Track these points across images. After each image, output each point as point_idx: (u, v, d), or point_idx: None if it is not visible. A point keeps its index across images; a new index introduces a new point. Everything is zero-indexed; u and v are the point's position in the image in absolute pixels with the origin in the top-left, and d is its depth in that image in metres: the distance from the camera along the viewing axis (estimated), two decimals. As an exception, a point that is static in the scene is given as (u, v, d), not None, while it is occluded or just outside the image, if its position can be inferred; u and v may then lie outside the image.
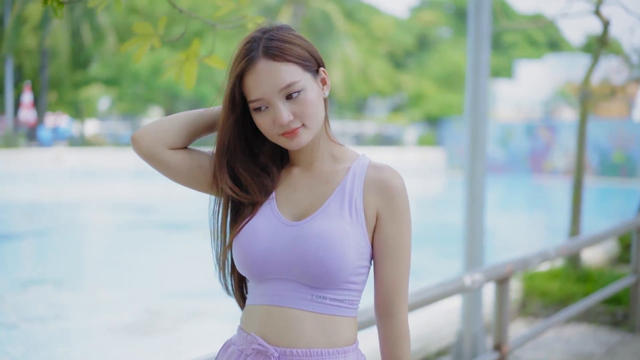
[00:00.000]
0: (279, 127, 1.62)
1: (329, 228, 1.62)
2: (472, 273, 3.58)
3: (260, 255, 1.65)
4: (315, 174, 1.72)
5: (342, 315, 1.65)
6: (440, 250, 12.03)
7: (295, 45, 1.64)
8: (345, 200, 1.66)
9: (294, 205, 1.70)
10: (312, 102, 1.63)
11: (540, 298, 6.19)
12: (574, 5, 6.38)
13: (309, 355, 1.62)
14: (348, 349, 1.66)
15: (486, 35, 4.64)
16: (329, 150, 1.73)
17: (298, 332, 1.62)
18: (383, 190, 1.66)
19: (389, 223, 1.66)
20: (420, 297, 3.24)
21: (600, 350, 5.44)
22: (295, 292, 1.63)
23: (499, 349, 3.79)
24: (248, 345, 1.66)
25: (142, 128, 1.72)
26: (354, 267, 1.63)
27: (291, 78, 1.61)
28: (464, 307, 4.68)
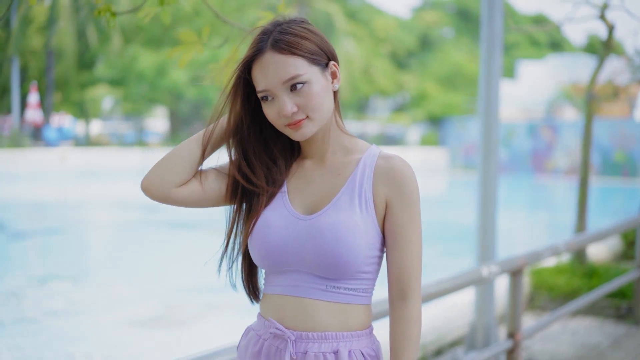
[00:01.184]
0: (284, 118, 1.67)
1: (340, 221, 1.66)
2: (489, 265, 3.81)
3: (274, 249, 1.70)
4: (327, 166, 1.76)
5: (356, 303, 1.70)
6: (444, 248, 12.23)
7: (305, 39, 1.67)
8: (355, 193, 1.70)
9: (306, 198, 1.74)
10: (316, 94, 1.66)
11: (547, 292, 6.42)
12: (579, 10, 6.59)
13: (323, 338, 1.68)
14: (362, 333, 1.71)
15: (498, 40, 4.86)
16: (340, 142, 1.77)
17: (313, 318, 1.68)
18: (392, 179, 1.69)
19: (399, 211, 1.69)
20: (441, 287, 3.46)
21: (606, 342, 5.67)
22: (310, 283, 1.69)
23: (513, 336, 4.01)
24: (266, 330, 1.73)
25: (148, 175, 1.75)
26: (365, 257, 1.67)
27: (295, 71, 1.64)
28: (477, 299, 4.90)
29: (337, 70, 1.73)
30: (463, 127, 31.24)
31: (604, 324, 6.14)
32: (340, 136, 1.77)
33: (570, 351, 5.41)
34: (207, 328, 7.35)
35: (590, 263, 7.24)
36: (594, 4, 6.64)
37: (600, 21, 6.75)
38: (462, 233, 14.49)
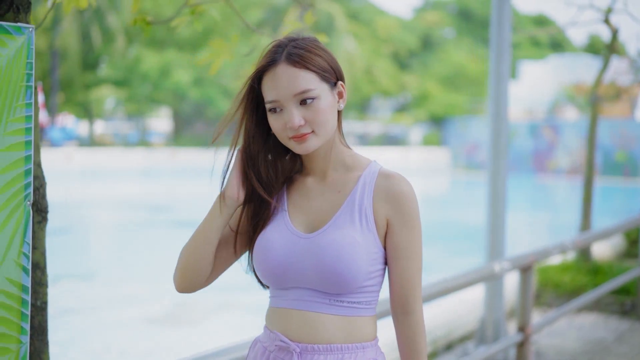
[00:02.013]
0: (290, 131, 1.68)
1: (341, 239, 1.68)
2: (500, 261, 3.96)
3: (276, 268, 1.72)
4: (328, 183, 1.78)
5: (360, 315, 1.72)
6: (447, 248, 12.34)
7: (317, 55, 1.70)
8: (355, 210, 1.72)
9: (307, 215, 1.76)
10: (324, 110, 1.68)
11: (553, 289, 6.57)
12: (583, 14, 6.69)
13: (329, 350, 1.69)
14: (367, 345, 1.72)
15: (507, 43, 5.01)
16: (342, 158, 1.79)
17: (318, 331, 1.69)
18: (392, 199, 1.71)
19: (399, 229, 1.71)
20: (456, 283, 3.62)
21: (611, 337, 5.82)
22: (313, 298, 1.70)
23: (523, 330, 4.17)
24: (271, 342, 1.74)
25: (176, 278, 1.80)
26: (367, 272, 1.69)
27: (307, 85, 1.66)
28: (487, 295, 5.06)
29: (344, 91, 1.76)
30: (465, 127, 31.37)
31: (608, 320, 6.29)
32: (342, 153, 1.79)
33: (576, 346, 5.56)
34: (217, 326, 7.50)
35: (594, 261, 7.40)
36: (598, 7, 6.79)
37: (604, 25, 6.90)
38: (464, 232, 14.62)
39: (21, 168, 1.71)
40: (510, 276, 5.97)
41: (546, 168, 28.49)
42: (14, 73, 1.68)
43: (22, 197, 1.71)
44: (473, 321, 5.60)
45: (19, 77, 1.69)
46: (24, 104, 1.70)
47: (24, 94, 1.70)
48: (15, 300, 1.71)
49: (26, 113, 1.71)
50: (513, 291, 6.10)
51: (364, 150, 20.04)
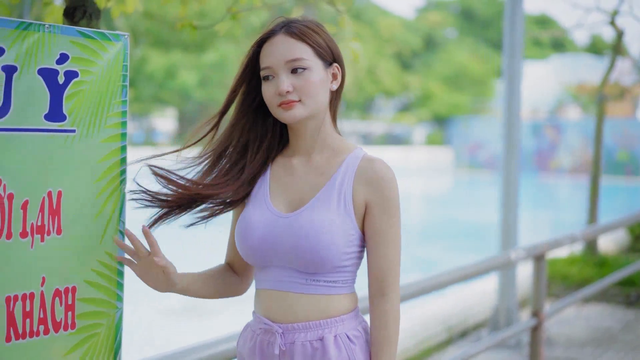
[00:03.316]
0: (278, 97, 1.75)
1: (318, 220, 1.73)
2: (516, 250, 4.22)
3: (256, 246, 1.79)
4: (312, 165, 1.82)
5: (337, 293, 1.78)
6: (449, 245, 12.56)
7: (315, 33, 1.78)
8: (335, 192, 1.76)
9: (288, 195, 1.82)
10: (314, 82, 1.75)
11: (561, 281, 6.84)
12: (586, 16, 6.92)
13: (308, 327, 1.75)
14: (345, 317, 1.78)
15: (519, 46, 5.27)
16: (329, 142, 1.83)
17: (297, 310, 1.76)
18: (371, 183, 1.76)
19: (378, 213, 1.75)
20: (475, 269, 3.88)
21: (617, 326, 6.08)
22: (291, 278, 1.77)
23: (537, 315, 4.42)
24: (257, 326, 1.83)
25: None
26: (343, 253, 1.74)
27: (300, 54, 1.74)
28: (500, 285, 5.32)
29: (339, 73, 1.83)
30: (467, 126, 31.60)
31: (615, 310, 6.56)
32: (331, 137, 1.84)
33: (584, 334, 5.82)
34: (234, 317, 7.73)
35: (601, 254, 7.67)
36: (604, 10, 7.05)
37: (609, 26, 7.16)
38: (466, 230, 14.84)
39: (118, 157, 1.96)
40: (521, 269, 6.23)
41: (549, 167, 28.71)
42: (113, 74, 1.94)
43: (118, 181, 1.96)
44: (486, 310, 5.87)
45: (117, 78, 1.95)
46: (120, 101, 1.96)
47: (120, 92, 1.95)
48: (113, 271, 1.97)
49: (122, 109, 1.97)
50: (524, 283, 6.36)
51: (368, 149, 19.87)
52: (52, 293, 1.84)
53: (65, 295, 1.87)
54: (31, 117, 1.78)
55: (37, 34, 1.77)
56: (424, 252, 12.12)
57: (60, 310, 1.86)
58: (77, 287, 1.90)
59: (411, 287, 3.35)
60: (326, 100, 1.80)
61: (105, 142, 1.93)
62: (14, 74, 1.73)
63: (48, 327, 1.84)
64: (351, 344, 1.76)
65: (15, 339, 1.78)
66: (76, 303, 1.89)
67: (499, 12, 46.20)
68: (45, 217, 1.82)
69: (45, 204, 1.82)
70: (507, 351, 5.19)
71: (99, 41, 1.91)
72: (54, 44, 1.81)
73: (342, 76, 1.85)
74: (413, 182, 25.93)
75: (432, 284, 3.52)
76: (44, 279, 1.83)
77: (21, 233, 1.78)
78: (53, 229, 1.84)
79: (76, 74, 1.86)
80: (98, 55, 1.90)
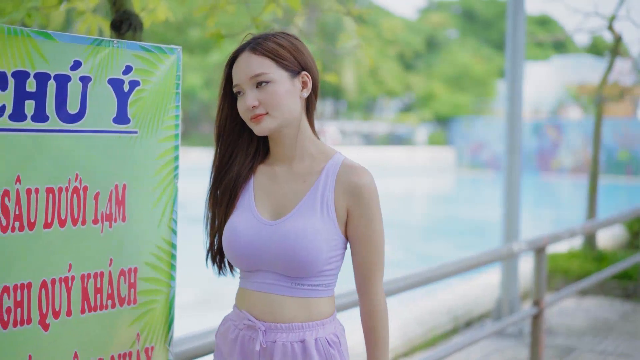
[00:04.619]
0: (248, 112, 1.84)
1: (302, 227, 1.80)
2: (518, 242, 4.51)
3: (242, 252, 1.87)
4: (294, 172, 1.89)
5: (319, 296, 1.86)
6: (452, 242, 12.80)
7: (279, 46, 1.84)
8: (318, 199, 1.83)
9: (272, 203, 1.89)
10: (278, 94, 1.82)
11: (562, 275, 7.12)
12: (585, 21, 7.17)
13: (290, 329, 1.83)
14: (326, 321, 1.87)
15: (522, 46, 5.56)
16: (308, 149, 1.90)
17: (281, 312, 1.84)
18: (351, 191, 1.83)
19: (359, 220, 1.83)
20: (480, 260, 4.16)
21: (615, 317, 6.37)
22: (277, 281, 1.85)
23: (538, 304, 4.71)
24: (240, 321, 1.89)
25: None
26: (326, 258, 1.82)
27: (261, 69, 1.82)
28: (503, 277, 5.60)
29: (308, 80, 1.89)
30: (469, 127, 31.86)
31: (613, 302, 6.85)
32: (310, 143, 1.91)
33: (584, 324, 6.11)
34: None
35: (599, 250, 7.95)
36: (603, 15, 7.33)
37: (608, 30, 7.45)
38: (469, 228, 15.09)
39: (172, 154, 2.25)
40: (522, 265, 6.52)
41: (550, 167, 28.95)
42: (168, 82, 2.23)
43: (172, 176, 2.25)
44: (490, 301, 6.16)
45: (172, 85, 2.24)
46: (174, 106, 2.25)
47: (174, 98, 2.25)
48: (167, 254, 2.26)
49: (175, 113, 2.26)
50: (525, 277, 6.65)
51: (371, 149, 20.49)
52: (118, 272, 2.14)
53: (128, 275, 2.17)
54: (102, 120, 2.07)
55: (107, 49, 2.06)
56: (427, 248, 12.41)
57: (124, 287, 2.16)
58: (138, 268, 2.19)
59: (420, 275, 3.58)
60: (297, 108, 1.87)
61: (161, 142, 2.22)
62: (88, 84, 2.02)
63: (115, 301, 2.13)
64: (330, 348, 1.84)
65: (88, 311, 2.07)
66: (137, 281, 2.19)
67: (500, 13, 46.48)
68: (113, 207, 2.12)
69: (112, 195, 2.11)
70: (509, 340, 5.48)
71: (157, 54, 2.20)
72: (120, 57, 2.10)
73: (313, 83, 1.91)
74: (416, 182, 26.19)
75: (440, 273, 3.78)
76: (111, 260, 2.12)
77: (93, 220, 2.07)
78: (119, 216, 2.13)
79: (138, 83, 2.15)
80: (156, 66, 2.20)
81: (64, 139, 1.98)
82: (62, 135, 1.98)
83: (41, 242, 1.95)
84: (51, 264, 1.98)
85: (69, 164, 2.00)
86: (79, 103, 2.01)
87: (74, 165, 2.01)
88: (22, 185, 1.90)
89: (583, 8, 7.41)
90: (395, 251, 11.85)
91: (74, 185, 2.02)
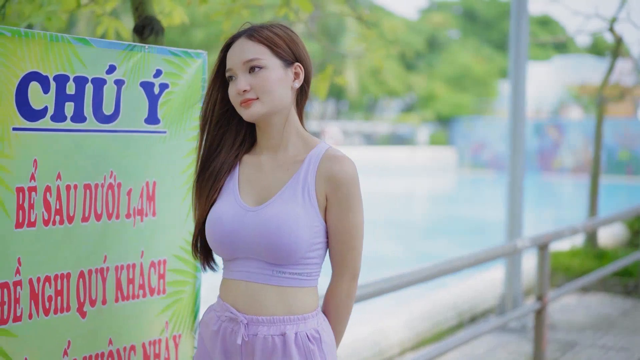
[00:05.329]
0: (238, 96, 1.86)
1: (283, 213, 1.82)
2: (522, 239, 4.65)
3: (225, 238, 1.88)
4: (278, 161, 1.92)
5: (301, 286, 1.87)
6: (453, 242, 12.91)
7: (275, 35, 1.88)
8: (299, 186, 1.86)
9: (255, 190, 1.92)
10: (270, 80, 1.84)
11: (563, 272, 7.26)
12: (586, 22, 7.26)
13: (271, 322, 1.84)
14: (307, 316, 1.87)
15: (525, 47, 5.69)
16: (295, 139, 1.93)
17: (262, 303, 1.85)
18: (331, 180, 1.85)
19: (336, 206, 1.85)
20: (485, 255, 4.29)
21: (616, 313, 6.51)
22: (258, 269, 1.86)
23: (541, 299, 4.84)
24: (223, 312, 1.91)
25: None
26: (309, 244, 1.83)
27: (255, 55, 1.84)
28: (507, 273, 5.74)
29: (301, 72, 1.91)
30: (471, 127, 31.99)
31: (613, 299, 6.98)
32: (296, 133, 1.93)
33: (585, 320, 6.24)
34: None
35: (600, 247, 8.09)
36: (604, 17, 7.46)
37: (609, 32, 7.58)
38: (470, 227, 15.21)
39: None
40: (524, 261, 6.65)
41: (551, 167, 29.07)
42: (194, 84, 2.36)
43: (198, 173, 2.39)
44: (494, 298, 6.29)
45: (198, 88, 2.37)
46: (200, 107, 2.38)
47: (199, 99, 2.38)
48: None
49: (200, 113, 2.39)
50: (527, 275, 6.78)
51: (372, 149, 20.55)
52: (148, 264, 2.27)
53: (158, 266, 2.30)
54: (134, 121, 2.20)
55: (139, 53, 2.20)
56: (428, 247, 12.53)
57: (154, 278, 2.29)
58: (167, 260, 2.32)
59: (428, 270, 3.70)
60: (287, 97, 1.89)
61: (188, 141, 2.36)
62: (122, 87, 2.16)
63: (145, 291, 2.27)
64: (310, 344, 1.85)
65: (121, 300, 2.20)
66: (166, 273, 2.32)
67: (501, 13, 46.61)
68: (144, 202, 2.25)
69: (144, 191, 2.25)
70: (512, 335, 5.61)
71: (184, 58, 2.34)
72: (151, 61, 2.23)
73: (306, 75, 1.93)
74: (417, 182, 26.32)
75: (447, 267, 3.91)
76: (142, 252, 2.25)
77: (126, 215, 2.20)
78: (150, 211, 2.26)
79: (167, 85, 2.28)
80: (183, 69, 2.33)
81: (100, 138, 2.12)
82: (99, 135, 2.12)
83: (79, 235, 2.08)
84: (88, 255, 2.11)
85: (104, 162, 2.13)
86: (113, 105, 2.14)
87: (108, 163, 2.14)
88: (62, 182, 2.03)
89: (584, 10, 7.54)
90: (396, 250, 11.99)
91: (109, 182, 2.15)
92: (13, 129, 1.91)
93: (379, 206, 16.56)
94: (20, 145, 1.93)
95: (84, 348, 2.11)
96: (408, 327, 5.31)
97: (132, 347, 2.24)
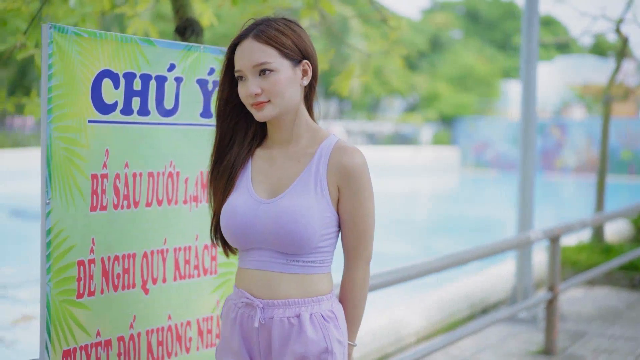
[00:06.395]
0: (249, 98, 1.88)
1: (297, 205, 1.87)
2: (535, 231, 4.85)
3: (240, 231, 1.93)
4: (290, 154, 1.96)
5: (315, 273, 1.92)
6: (456, 240, 13.07)
7: (283, 34, 1.88)
8: (312, 178, 1.90)
9: (268, 182, 1.96)
10: (280, 83, 1.87)
11: (571, 267, 7.46)
12: (592, 24, 7.47)
13: (287, 304, 1.90)
14: (322, 298, 1.92)
15: (535, 50, 5.89)
16: (305, 133, 1.96)
17: (277, 288, 1.90)
18: (342, 172, 1.89)
19: (347, 197, 1.90)
20: (499, 247, 4.49)
21: (622, 305, 6.70)
22: (272, 258, 1.91)
23: (553, 289, 5.04)
24: (239, 299, 1.97)
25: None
26: (320, 235, 1.88)
27: (265, 58, 1.86)
28: (518, 266, 5.93)
29: (309, 68, 1.94)
30: (474, 126, 32.17)
31: (619, 292, 7.19)
32: (306, 127, 1.97)
33: (592, 312, 6.44)
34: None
35: (607, 242, 8.30)
36: (609, 18, 7.66)
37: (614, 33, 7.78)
38: (472, 225, 15.38)
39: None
40: (535, 254, 6.85)
41: (554, 166, 29.25)
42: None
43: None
44: (505, 290, 6.50)
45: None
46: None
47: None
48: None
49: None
50: (538, 269, 6.98)
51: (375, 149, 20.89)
52: (202, 246, 2.47)
53: (210, 249, 2.50)
54: (191, 115, 2.41)
55: (196, 53, 2.40)
56: (433, 245, 12.72)
57: (207, 259, 2.49)
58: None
59: (445, 259, 3.88)
60: (297, 95, 1.92)
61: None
62: (181, 83, 2.36)
63: (200, 271, 2.47)
64: (325, 322, 1.91)
65: (180, 279, 2.40)
66: (217, 255, 2.52)
67: (503, 14, 46.78)
68: (199, 190, 2.45)
69: (198, 180, 2.45)
70: (523, 326, 5.80)
71: (234, 58, 2.53)
72: (206, 60, 2.43)
73: (313, 70, 1.96)
74: (420, 181, 26.50)
75: (463, 257, 4.08)
76: (197, 235, 2.45)
77: (183, 201, 2.40)
78: (203, 198, 2.46)
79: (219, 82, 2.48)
80: (233, 68, 2.53)
81: (162, 131, 2.32)
82: (160, 128, 2.32)
83: (143, 219, 2.28)
84: (151, 237, 2.31)
85: (165, 153, 2.33)
86: (173, 100, 2.34)
87: (169, 153, 2.34)
88: (129, 170, 2.23)
89: (590, 11, 7.73)
90: (401, 248, 12.16)
91: (169, 171, 2.36)
92: (89, 121, 2.11)
93: (383, 206, 16.68)
94: (95, 136, 2.13)
95: (147, 322, 2.31)
96: (423, 317, 5.51)
97: (188, 323, 2.44)
